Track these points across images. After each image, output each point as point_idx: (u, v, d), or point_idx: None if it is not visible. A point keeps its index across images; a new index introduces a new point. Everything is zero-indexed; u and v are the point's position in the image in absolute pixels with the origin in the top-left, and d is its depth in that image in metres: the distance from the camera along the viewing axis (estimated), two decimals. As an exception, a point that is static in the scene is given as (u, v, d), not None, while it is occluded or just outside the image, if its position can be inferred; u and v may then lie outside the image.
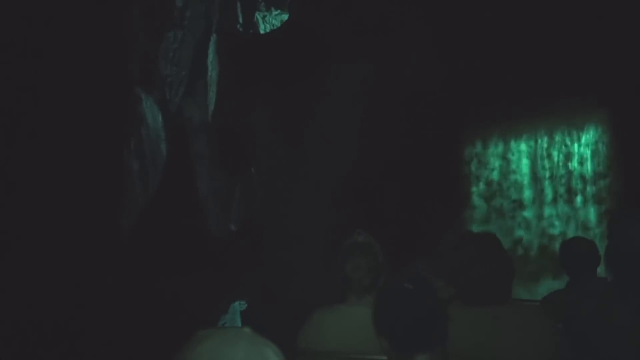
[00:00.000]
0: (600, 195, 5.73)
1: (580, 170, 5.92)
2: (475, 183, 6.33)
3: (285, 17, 5.61)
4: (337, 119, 5.08)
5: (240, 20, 5.46)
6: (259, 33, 5.56)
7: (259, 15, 5.58)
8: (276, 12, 5.67)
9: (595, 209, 5.73)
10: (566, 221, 5.92)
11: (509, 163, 6.22)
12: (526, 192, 6.15)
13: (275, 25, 5.55)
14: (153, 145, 4.55)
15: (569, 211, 5.95)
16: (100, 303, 3.52)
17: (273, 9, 5.64)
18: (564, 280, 2.99)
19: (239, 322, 4.56)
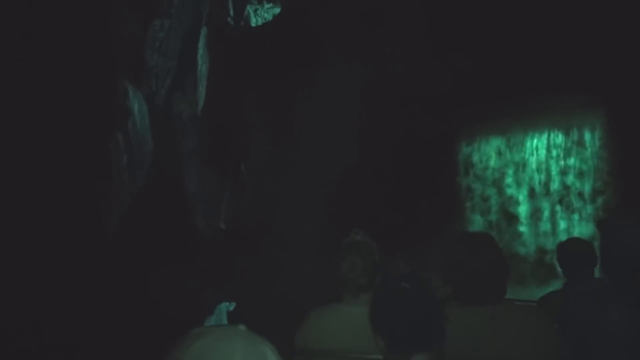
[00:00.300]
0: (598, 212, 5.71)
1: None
2: (468, 186, 6.31)
3: (278, 11, 5.56)
4: (330, 116, 5.05)
5: (231, 13, 5.40)
6: (250, 26, 5.50)
7: (250, 9, 5.53)
8: (268, 6, 5.63)
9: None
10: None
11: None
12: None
13: (267, 19, 5.49)
14: (141, 140, 4.49)
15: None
16: (84, 300, 3.46)
17: (265, 2, 5.59)
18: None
19: (225, 323, 4.49)
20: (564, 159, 5.99)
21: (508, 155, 6.26)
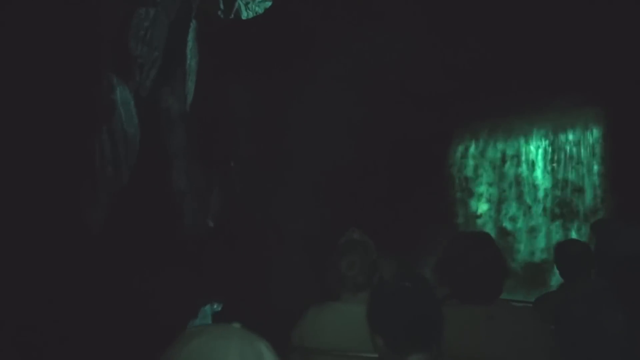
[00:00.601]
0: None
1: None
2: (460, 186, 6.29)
3: (269, 4, 5.49)
4: (322, 112, 5.00)
5: (221, 6, 5.34)
6: (240, 20, 5.43)
7: (241, 2, 5.46)
8: (260, -1, 5.56)
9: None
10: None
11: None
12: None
13: (258, 12, 5.42)
14: (126, 135, 4.40)
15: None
16: (65, 300, 3.38)
17: (256, -6, 5.53)
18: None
19: None
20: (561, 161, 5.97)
21: (503, 154, 6.24)
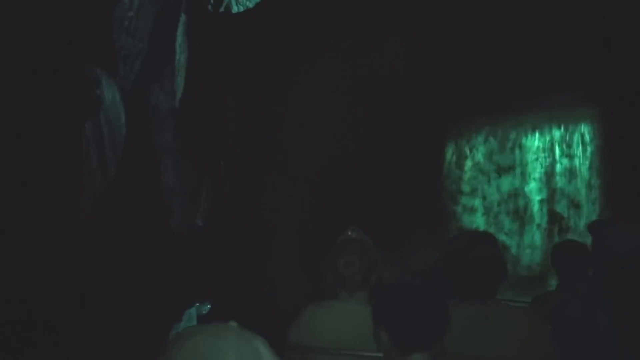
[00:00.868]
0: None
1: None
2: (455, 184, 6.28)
3: (260, -2, 5.43)
4: (315, 108, 4.98)
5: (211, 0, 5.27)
6: (231, 14, 5.37)
7: (231, -5, 5.40)
8: (250, -8, 5.50)
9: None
10: None
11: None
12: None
13: (249, 7, 5.36)
14: (113, 131, 4.33)
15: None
16: (46, 302, 3.31)
17: (247, -13, 5.47)
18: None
19: None
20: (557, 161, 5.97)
21: (498, 156, 6.23)
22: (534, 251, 5.88)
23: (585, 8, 5.02)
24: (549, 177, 5.94)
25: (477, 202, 6.22)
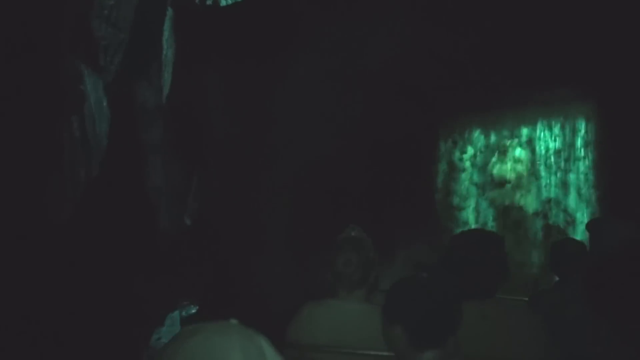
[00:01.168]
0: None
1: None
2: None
3: (249, -10, 5.35)
4: (305, 104, 4.91)
5: (198, -8, 5.19)
6: (219, 7, 5.30)
7: (219, -12, 5.31)
8: (239, -15, 5.42)
9: None
10: None
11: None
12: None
13: (238, 0, 5.29)
14: (97, 127, 4.24)
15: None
16: (24, 304, 3.22)
17: (236, -21, 5.39)
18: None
19: None
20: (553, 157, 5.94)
21: (492, 152, 6.20)
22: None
23: (580, 1, 5.00)
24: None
25: (471, 218, 6.22)
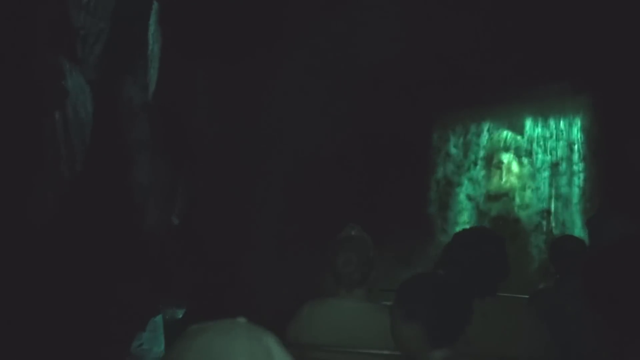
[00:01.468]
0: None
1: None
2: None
3: (238, -17, 5.28)
4: (296, 101, 4.86)
5: (185, -15, 5.12)
6: (206, 1, 5.23)
7: (206, -19, 5.24)
8: (227, -22, 5.35)
9: None
10: None
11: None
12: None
13: (225, -6, 5.22)
14: (79, 123, 4.15)
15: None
16: (3, 307, 3.13)
17: (223, -28, 5.32)
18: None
19: (162, 341, 4.20)
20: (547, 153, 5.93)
21: (487, 146, 6.18)
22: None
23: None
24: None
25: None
